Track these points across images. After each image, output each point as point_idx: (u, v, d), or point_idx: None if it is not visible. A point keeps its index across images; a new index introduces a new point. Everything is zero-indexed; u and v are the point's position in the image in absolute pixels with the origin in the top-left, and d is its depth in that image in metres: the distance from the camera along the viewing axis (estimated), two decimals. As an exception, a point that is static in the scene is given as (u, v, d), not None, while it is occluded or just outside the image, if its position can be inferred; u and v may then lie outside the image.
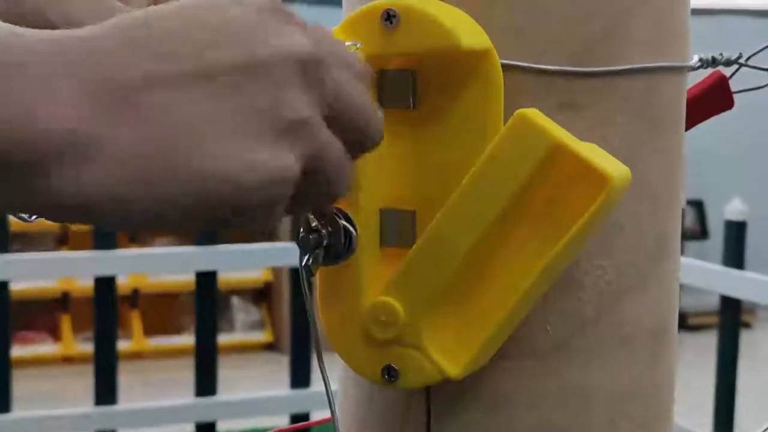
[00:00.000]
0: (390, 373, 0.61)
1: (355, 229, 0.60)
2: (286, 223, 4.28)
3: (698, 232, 5.35)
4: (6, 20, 0.53)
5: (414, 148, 0.61)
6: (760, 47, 0.72)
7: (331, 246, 0.60)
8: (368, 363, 0.62)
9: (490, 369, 0.62)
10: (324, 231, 0.59)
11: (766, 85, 0.74)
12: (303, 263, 0.59)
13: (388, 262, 0.62)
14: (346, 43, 0.58)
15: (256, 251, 3.37)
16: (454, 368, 0.60)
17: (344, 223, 0.59)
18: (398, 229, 0.61)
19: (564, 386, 0.63)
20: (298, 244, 0.59)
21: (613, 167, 0.57)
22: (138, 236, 4.71)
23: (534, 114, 0.57)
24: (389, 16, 0.58)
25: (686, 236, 4.76)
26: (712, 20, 4.93)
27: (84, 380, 3.28)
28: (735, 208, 3.05)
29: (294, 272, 3.16)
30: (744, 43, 0.73)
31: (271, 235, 4.69)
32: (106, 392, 2.99)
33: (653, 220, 0.64)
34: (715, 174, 5.22)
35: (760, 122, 5.35)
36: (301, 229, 0.59)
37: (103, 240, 2.97)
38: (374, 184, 0.61)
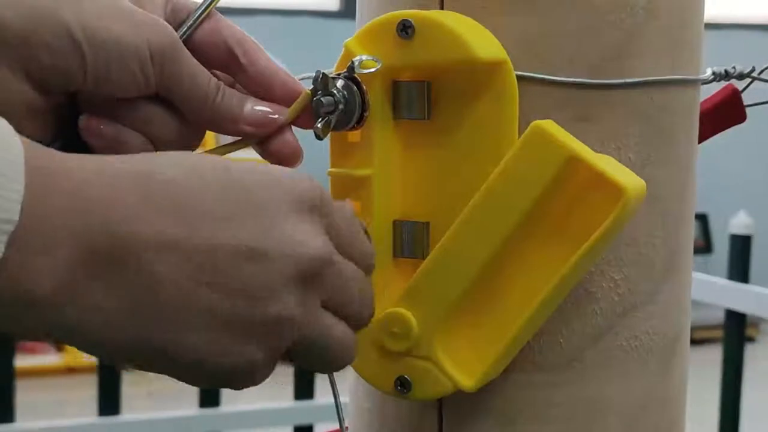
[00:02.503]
0: (403, 385, 0.61)
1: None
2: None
3: (702, 246, 5.34)
4: (15, 18, 0.53)
5: (428, 160, 0.61)
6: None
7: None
8: (381, 374, 0.61)
9: (503, 381, 0.62)
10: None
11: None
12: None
13: (402, 273, 0.62)
14: (365, 58, 0.58)
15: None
16: (467, 380, 0.60)
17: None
18: (412, 240, 0.61)
19: (576, 399, 0.63)
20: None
21: (629, 179, 0.56)
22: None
23: (550, 125, 0.57)
24: (405, 27, 0.58)
25: (690, 250, 4.74)
26: (721, 34, 4.93)
27: (88, 391, 3.28)
28: (740, 222, 3.04)
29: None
30: (753, 57, 0.73)
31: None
32: (109, 403, 2.99)
33: (665, 233, 0.64)
34: (719, 188, 5.21)
35: (766, 136, 5.35)
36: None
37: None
38: (388, 195, 0.61)
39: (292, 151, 0.60)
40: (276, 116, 0.59)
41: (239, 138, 0.60)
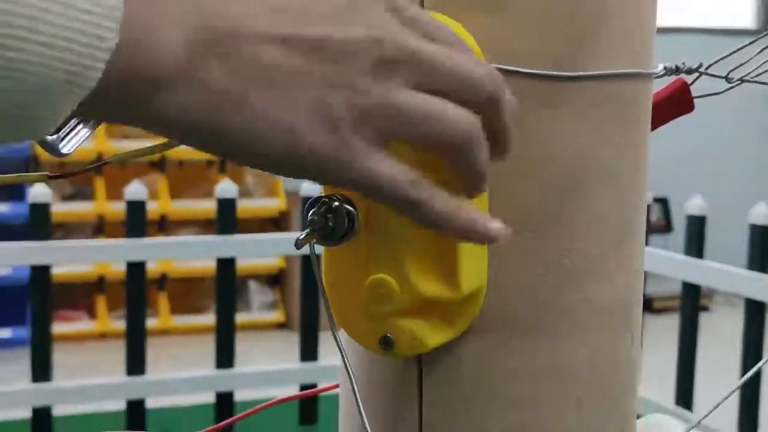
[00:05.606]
0: (387, 343, 0.60)
1: (357, 213, 0.59)
2: (297, 216, 4.27)
3: (663, 226, 5.34)
4: None
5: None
6: (716, 59, 0.72)
7: (336, 228, 0.59)
8: (367, 334, 0.61)
9: (474, 341, 0.61)
10: (329, 215, 0.58)
11: (723, 92, 0.74)
12: (312, 241, 0.58)
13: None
14: None
15: (271, 240, 3.37)
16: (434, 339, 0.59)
17: (347, 207, 0.58)
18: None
19: (532, 362, 0.62)
20: (308, 226, 0.58)
21: None
22: (167, 227, 4.70)
23: None
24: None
25: (652, 230, 4.75)
26: (669, 38, 4.92)
27: (117, 354, 3.28)
28: (696, 204, 3.04)
29: (305, 259, 3.16)
30: (699, 58, 0.72)
31: (284, 226, 4.70)
32: (136, 364, 3.00)
33: (620, 206, 0.63)
34: (678, 174, 5.22)
35: (717, 128, 5.36)
36: (310, 211, 0.58)
37: (135, 230, 2.98)
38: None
39: None
40: None
41: None
